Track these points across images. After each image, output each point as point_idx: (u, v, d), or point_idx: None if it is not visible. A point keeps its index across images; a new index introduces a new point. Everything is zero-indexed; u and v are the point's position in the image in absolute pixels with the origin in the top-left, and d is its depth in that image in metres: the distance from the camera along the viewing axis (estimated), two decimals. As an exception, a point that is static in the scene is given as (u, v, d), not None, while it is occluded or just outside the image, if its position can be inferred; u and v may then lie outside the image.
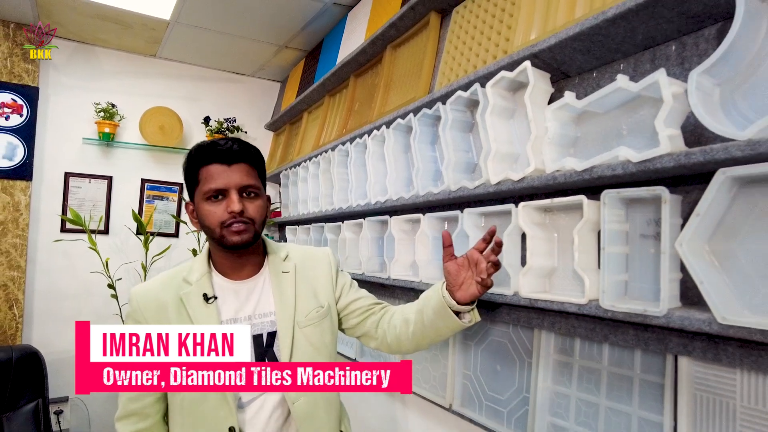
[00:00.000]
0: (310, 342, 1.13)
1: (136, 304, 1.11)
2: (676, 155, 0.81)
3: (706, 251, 0.82)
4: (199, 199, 1.08)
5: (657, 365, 0.96)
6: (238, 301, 1.13)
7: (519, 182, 1.12)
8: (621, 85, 0.92)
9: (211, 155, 1.06)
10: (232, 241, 1.06)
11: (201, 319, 1.08)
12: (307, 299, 1.17)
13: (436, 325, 1.08)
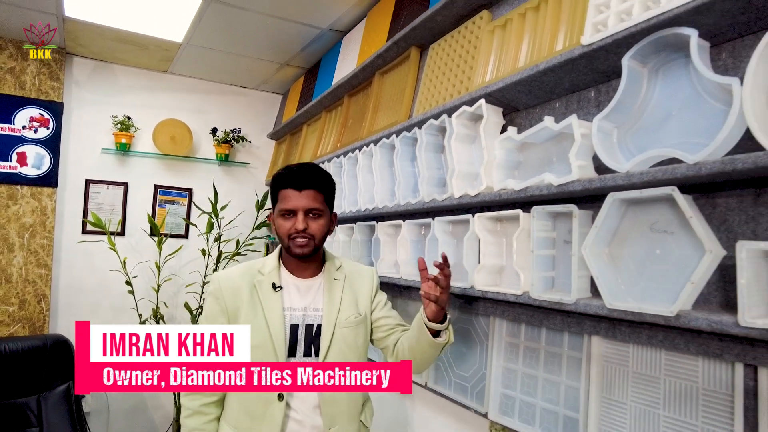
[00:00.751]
0: (346, 341, 1.31)
1: (218, 284, 1.33)
2: (583, 181, 1.07)
3: (605, 254, 1.08)
4: (276, 215, 1.32)
5: (578, 344, 1.23)
6: (299, 294, 1.34)
7: (475, 197, 1.38)
8: (547, 125, 1.18)
9: (286, 181, 1.29)
10: (295, 252, 1.29)
11: (268, 302, 1.29)
12: (349, 305, 1.35)
13: (420, 342, 1.22)
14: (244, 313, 1.29)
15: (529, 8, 1.35)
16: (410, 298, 1.92)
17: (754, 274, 0.80)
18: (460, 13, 1.64)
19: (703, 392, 0.97)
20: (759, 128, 0.79)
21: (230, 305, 1.30)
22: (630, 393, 1.10)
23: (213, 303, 1.33)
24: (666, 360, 1.04)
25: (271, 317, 1.28)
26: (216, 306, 1.31)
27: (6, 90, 2.72)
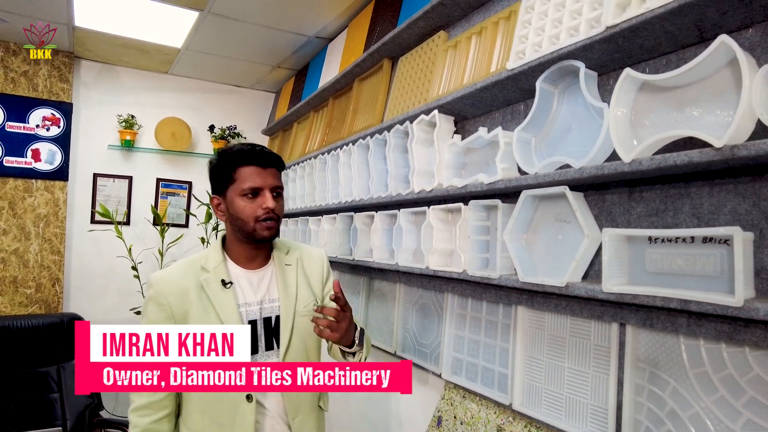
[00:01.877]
0: (306, 329, 1.27)
1: (160, 288, 1.19)
2: (505, 180, 1.33)
3: (523, 239, 1.35)
4: (234, 195, 1.20)
5: (508, 313, 1.49)
6: (251, 287, 1.26)
7: (430, 192, 1.64)
8: (481, 134, 1.44)
9: (249, 158, 1.20)
10: (262, 235, 1.20)
11: (220, 302, 1.19)
12: (305, 291, 1.31)
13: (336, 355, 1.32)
14: (194, 316, 1.19)
15: (474, 33, 1.60)
16: (384, 279, 2.18)
17: (615, 252, 1.07)
18: (422, 32, 1.89)
19: (594, 347, 1.23)
20: (619, 144, 1.04)
21: (177, 310, 1.18)
22: (545, 351, 1.36)
23: (156, 310, 1.18)
24: (570, 324, 1.30)
25: (226, 317, 1.19)
26: (160, 313, 1.18)
27: (20, 92, 2.96)
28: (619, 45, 1.12)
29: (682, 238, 1.00)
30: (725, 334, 0.96)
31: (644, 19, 1.01)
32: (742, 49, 0.92)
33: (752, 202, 0.95)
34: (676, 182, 1.08)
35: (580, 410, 1.24)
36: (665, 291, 0.96)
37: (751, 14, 0.94)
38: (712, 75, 0.96)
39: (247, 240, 1.24)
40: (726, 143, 0.85)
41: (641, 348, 1.12)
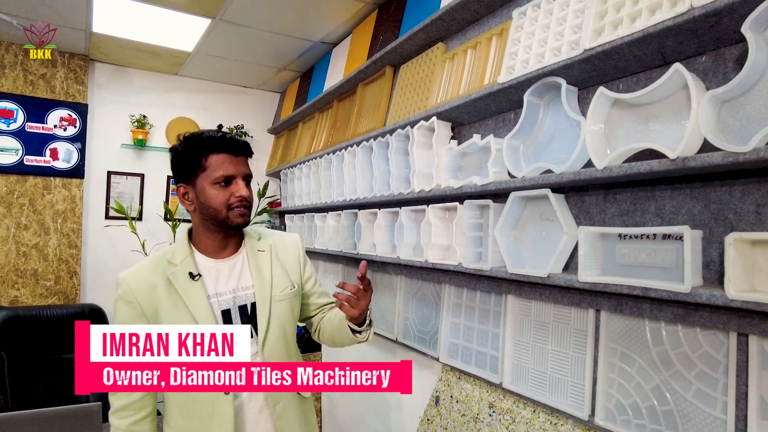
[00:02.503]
0: (283, 314, 1.26)
1: (127, 286, 1.17)
2: (496, 183, 1.49)
3: (512, 235, 1.51)
4: (205, 184, 1.17)
5: (499, 301, 1.66)
6: (221, 277, 1.24)
7: (429, 192, 1.80)
8: (474, 141, 1.60)
9: (220, 145, 1.17)
10: (235, 222, 1.19)
11: (189, 295, 1.17)
12: (281, 277, 1.29)
13: (340, 333, 1.30)
14: (165, 312, 1.17)
15: (469, 46, 1.75)
16: (385, 272, 2.34)
17: (590, 247, 1.23)
18: (422, 43, 2.04)
19: (574, 331, 1.40)
20: (593, 153, 1.20)
21: (147, 307, 1.16)
22: (531, 335, 1.53)
23: (126, 309, 1.17)
24: (553, 311, 1.47)
25: (196, 310, 1.17)
26: (130, 311, 1.16)
27: (39, 94, 3.11)
28: (595, 65, 1.28)
29: (646, 235, 1.16)
30: (680, 317, 1.12)
31: (615, 44, 1.17)
32: (694, 74, 1.09)
33: (704, 204, 1.11)
34: (643, 186, 1.24)
35: (562, 387, 1.41)
36: (631, 281, 1.12)
37: (703, 44, 1.09)
38: (670, 95, 1.12)
39: (218, 229, 1.22)
40: (679, 155, 1.01)
41: (613, 331, 1.29)
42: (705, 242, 1.10)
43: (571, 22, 1.33)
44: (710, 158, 0.97)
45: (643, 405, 1.20)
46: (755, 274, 0.96)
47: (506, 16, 1.65)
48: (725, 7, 0.96)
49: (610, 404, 1.28)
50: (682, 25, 1.04)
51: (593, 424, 1.30)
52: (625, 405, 1.24)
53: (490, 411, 1.64)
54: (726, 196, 1.07)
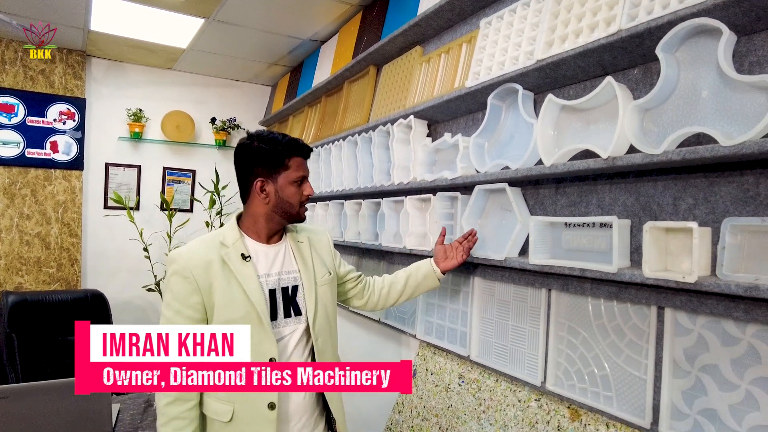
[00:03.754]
0: (326, 297, 1.43)
1: (185, 262, 1.27)
2: (464, 177, 1.67)
3: (478, 224, 1.68)
4: (285, 182, 1.34)
5: (468, 282, 1.84)
6: (269, 260, 1.37)
7: (407, 184, 1.97)
8: (445, 139, 1.76)
9: (301, 150, 1.37)
10: (303, 217, 1.41)
11: (242, 274, 1.29)
12: (320, 265, 1.46)
13: (421, 286, 1.65)
14: (219, 288, 1.26)
15: (443, 51, 1.91)
16: (370, 257, 2.52)
17: (539, 234, 1.41)
18: (401, 45, 2.19)
19: (530, 308, 1.58)
20: (543, 152, 1.37)
21: (202, 282, 1.26)
22: (495, 312, 1.71)
23: (182, 282, 1.26)
24: (513, 291, 1.65)
25: (249, 288, 1.28)
26: (187, 285, 1.25)
27: (39, 89, 3.24)
28: (547, 73, 1.44)
29: (586, 223, 1.34)
30: (614, 294, 1.31)
31: (563, 57, 1.34)
32: (627, 84, 1.26)
33: (635, 197, 1.29)
34: (587, 181, 1.41)
35: (519, 358, 1.60)
36: (572, 263, 1.30)
37: (634, 59, 1.26)
38: (606, 103, 1.29)
39: (281, 220, 1.39)
40: (609, 155, 1.19)
41: (562, 307, 1.47)
42: (635, 230, 1.28)
43: (527, 34, 1.50)
44: (633, 158, 1.15)
45: (585, 371, 1.39)
46: (668, 257, 1.15)
47: (475, 24, 1.81)
48: (645, 31, 1.13)
49: (559, 371, 1.47)
50: (614, 43, 1.21)
51: (545, 389, 1.49)
52: (571, 372, 1.43)
53: (460, 381, 1.83)
54: (651, 191, 1.25)
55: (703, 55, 1.09)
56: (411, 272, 1.67)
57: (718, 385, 1.09)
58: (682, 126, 1.11)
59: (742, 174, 1.07)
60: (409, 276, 1.66)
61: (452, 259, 1.61)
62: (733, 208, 1.09)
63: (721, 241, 1.02)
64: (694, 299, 1.12)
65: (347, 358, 2.61)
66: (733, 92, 1.03)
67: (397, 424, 2.11)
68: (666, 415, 1.18)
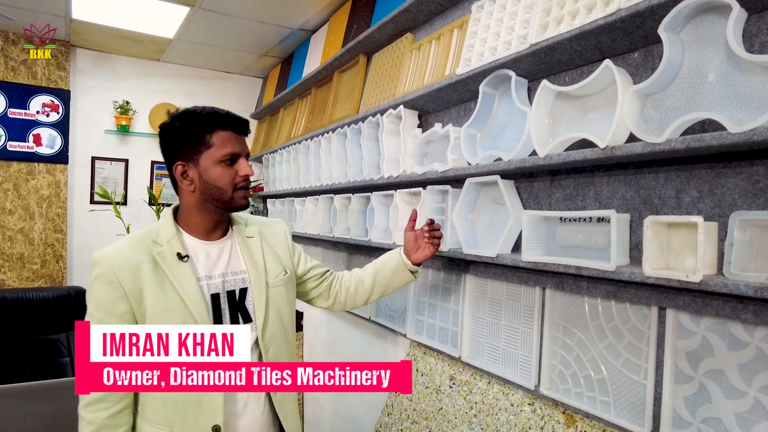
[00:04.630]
0: (280, 300, 1.26)
1: (108, 264, 1.08)
2: (455, 169, 1.58)
3: (469, 218, 1.60)
4: (209, 162, 1.12)
5: (460, 281, 1.76)
6: (210, 259, 1.19)
7: (396, 178, 1.89)
8: (436, 130, 1.68)
9: (227, 122, 1.13)
10: (241, 204, 1.17)
11: (177, 276, 1.11)
12: (273, 263, 1.28)
13: (392, 282, 1.45)
14: (151, 294, 1.10)
15: (433, 38, 1.82)
16: (360, 254, 2.44)
17: (533, 230, 1.32)
18: (391, 32, 2.10)
19: (523, 307, 1.50)
20: (537, 142, 1.29)
21: (130, 288, 1.08)
22: (487, 311, 1.63)
23: (105, 289, 1.08)
24: (506, 289, 1.57)
25: (187, 293, 1.11)
26: (111, 291, 1.08)
27: (21, 80, 3.14)
28: (542, 58, 1.36)
29: (582, 218, 1.26)
30: (612, 294, 1.23)
31: (558, 40, 1.25)
32: (627, 69, 1.17)
33: (635, 190, 1.21)
34: (584, 173, 1.33)
35: (512, 359, 1.52)
36: (567, 260, 1.22)
37: (634, 41, 1.18)
38: (605, 88, 1.21)
39: (216, 210, 1.18)
40: (607, 144, 1.10)
41: (557, 307, 1.39)
42: (635, 225, 1.20)
43: (521, 17, 1.41)
44: (633, 148, 1.06)
45: (581, 374, 1.31)
46: (670, 254, 1.06)
47: (467, 8, 1.72)
48: (647, 9, 1.04)
49: (554, 374, 1.39)
50: (613, 24, 1.12)
51: (539, 393, 1.41)
52: (566, 375, 1.35)
53: (451, 383, 1.75)
54: (652, 182, 1.17)
55: (710, 34, 1.00)
56: (379, 269, 1.46)
57: (724, 392, 1.01)
58: (686, 112, 1.02)
59: (751, 164, 0.99)
60: (377, 272, 1.46)
61: (424, 250, 1.44)
62: (742, 201, 1.00)
63: (728, 237, 0.94)
64: (699, 299, 1.04)
65: (337, 356, 2.54)
66: (743, 74, 0.94)
67: (386, 426, 2.04)
68: (667, 423, 1.10)
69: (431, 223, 1.46)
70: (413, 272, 1.47)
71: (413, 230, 1.47)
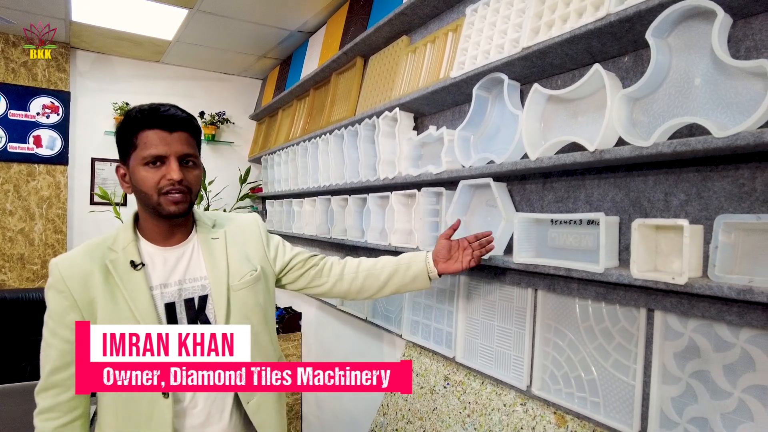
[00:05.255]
0: (245, 303, 1.18)
1: (59, 273, 1.06)
2: (449, 172, 1.59)
3: (463, 220, 1.61)
4: (136, 164, 1.05)
5: (454, 282, 1.77)
6: (167, 266, 1.14)
7: (392, 179, 1.90)
8: (430, 132, 1.69)
9: (152, 120, 1.04)
10: (168, 211, 1.06)
11: (129, 286, 1.07)
12: (239, 264, 1.20)
13: (408, 285, 1.37)
14: (102, 305, 1.06)
15: (428, 41, 1.84)
16: (356, 254, 2.44)
17: (524, 232, 1.34)
18: (388, 35, 2.12)
19: (516, 309, 1.52)
20: (528, 145, 1.30)
21: (80, 297, 1.06)
22: (481, 313, 1.65)
23: (57, 298, 1.06)
24: (499, 290, 1.58)
25: (136, 303, 1.07)
26: (62, 301, 1.06)
27: (21, 81, 3.16)
28: (533, 62, 1.37)
29: (573, 220, 1.27)
30: (602, 295, 1.24)
31: (549, 44, 1.26)
32: (617, 73, 1.19)
33: (624, 193, 1.22)
34: (575, 176, 1.34)
35: (505, 360, 1.53)
36: (557, 262, 1.23)
37: (624, 46, 1.19)
38: (595, 92, 1.22)
39: (158, 216, 1.10)
40: (597, 148, 1.11)
41: (548, 308, 1.40)
42: (624, 227, 1.21)
43: (513, 21, 1.42)
44: (621, 151, 1.07)
45: (571, 375, 1.32)
46: (658, 256, 1.08)
47: (462, 12, 1.73)
48: (635, 15, 1.06)
49: (545, 375, 1.40)
50: (603, 28, 1.14)
51: (530, 393, 1.42)
52: (557, 375, 1.37)
53: (445, 383, 1.76)
54: (642, 185, 1.18)
55: (696, 40, 1.01)
56: (398, 269, 1.38)
57: (710, 392, 1.03)
58: (673, 116, 1.04)
59: (737, 168, 1.00)
60: (396, 271, 1.38)
61: (456, 263, 1.34)
62: (728, 204, 1.02)
63: (713, 240, 0.96)
64: (685, 301, 1.06)
65: (334, 356, 2.55)
66: (728, 79, 0.96)
67: (381, 426, 2.05)
68: (655, 423, 1.11)
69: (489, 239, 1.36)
70: (431, 280, 1.39)
71: (449, 239, 1.35)
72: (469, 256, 1.34)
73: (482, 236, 1.35)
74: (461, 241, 1.36)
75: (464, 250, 1.34)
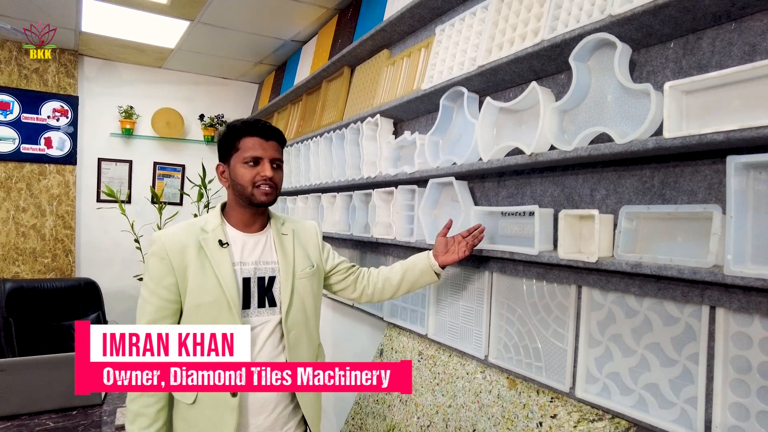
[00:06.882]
0: (305, 290, 1.42)
1: (162, 244, 1.30)
2: (420, 171, 1.83)
3: (432, 214, 1.85)
4: (236, 163, 1.33)
5: (427, 268, 2.00)
6: (246, 248, 1.38)
7: (374, 178, 2.13)
8: (405, 137, 1.92)
9: (252, 129, 1.33)
10: (260, 200, 1.33)
11: (216, 259, 1.31)
12: (302, 258, 1.45)
13: (419, 281, 1.60)
14: (193, 271, 1.29)
15: (405, 55, 2.07)
16: (345, 247, 2.68)
17: (480, 222, 1.57)
18: (371, 48, 2.35)
19: (476, 289, 1.74)
20: (482, 149, 1.53)
21: (177, 265, 1.29)
22: (449, 293, 1.88)
23: (158, 263, 1.29)
24: (463, 273, 1.81)
25: (221, 273, 1.29)
26: (162, 266, 1.29)
27: (33, 87, 3.38)
28: (488, 78, 1.60)
29: (517, 212, 1.51)
30: (542, 275, 1.47)
31: (499, 63, 1.49)
32: (554, 88, 1.42)
33: (560, 189, 1.45)
34: (523, 175, 1.58)
35: (468, 334, 1.77)
36: (502, 246, 1.46)
37: (559, 65, 1.42)
38: (534, 105, 1.45)
39: (247, 204, 1.36)
40: (533, 151, 1.35)
41: (501, 288, 1.64)
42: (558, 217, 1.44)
43: (472, 42, 1.65)
44: (551, 154, 1.31)
45: (520, 344, 1.56)
46: (582, 240, 1.31)
47: (432, 30, 1.96)
48: (562, 42, 1.29)
49: (500, 345, 1.63)
50: (539, 52, 1.37)
51: (488, 362, 1.65)
52: (509, 345, 1.60)
53: (419, 357, 2.00)
54: (573, 183, 1.41)
55: (607, 64, 1.25)
56: (408, 268, 1.62)
57: (621, 351, 1.26)
58: (592, 125, 1.27)
59: (642, 168, 1.24)
60: (406, 271, 1.62)
61: (453, 254, 1.54)
62: (635, 197, 1.25)
63: (618, 225, 1.19)
64: (603, 278, 1.29)
65: (322, 338, 2.78)
66: (630, 97, 1.19)
67: (364, 396, 2.28)
68: (581, 380, 1.34)
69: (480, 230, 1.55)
70: (437, 274, 1.61)
71: (445, 236, 1.58)
72: (463, 247, 1.54)
73: (474, 229, 1.55)
74: (456, 236, 1.57)
75: (459, 243, 1.55)
